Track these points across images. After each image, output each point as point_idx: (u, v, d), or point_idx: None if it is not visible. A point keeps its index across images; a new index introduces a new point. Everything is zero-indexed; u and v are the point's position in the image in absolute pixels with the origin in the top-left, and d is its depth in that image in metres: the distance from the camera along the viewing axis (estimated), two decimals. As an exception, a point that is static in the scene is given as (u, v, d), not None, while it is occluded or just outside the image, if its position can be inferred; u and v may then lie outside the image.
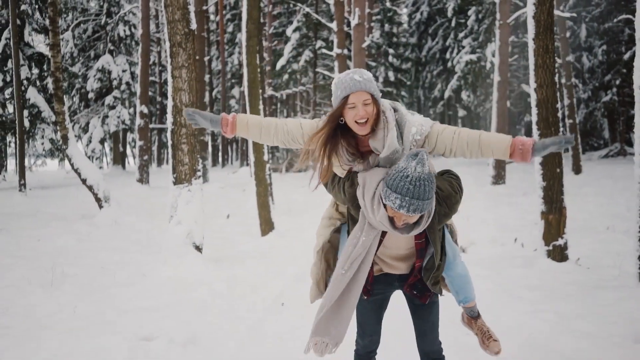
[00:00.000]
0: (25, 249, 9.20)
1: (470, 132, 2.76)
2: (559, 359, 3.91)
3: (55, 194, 20.90)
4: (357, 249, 2.77)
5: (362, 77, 2.69)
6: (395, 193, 2.55)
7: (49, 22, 12.82)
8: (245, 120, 2.94)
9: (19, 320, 5.40)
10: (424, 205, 2.56)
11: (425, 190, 2.55)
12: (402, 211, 2.55)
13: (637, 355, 3.89)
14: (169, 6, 7.11)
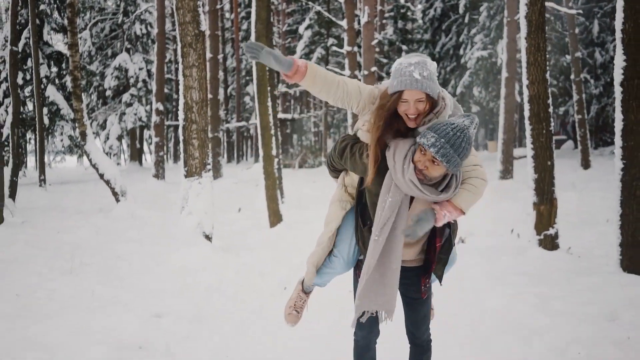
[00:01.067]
0: (47, 240, 9.69)
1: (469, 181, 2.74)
2: (531, 334, 4.27)
3: (74, 189, 21.47)
4: (386, 212, 2.74)
5: (421, 76, 2.61)
6: (434, 132, 2.55)
7: (67, 22, 13.30)
8: (315, 71, 2.83)
9: (42, 302, 5.84)
10: (454, 158, 2.55)
11: (462, 145, 2.55)
12: (432, 150, 2.52)
13: (606, 332, 4.23)
14: (180, 9, 7.53)
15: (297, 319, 3.26)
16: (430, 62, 2.73)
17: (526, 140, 7.37)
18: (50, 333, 4.52)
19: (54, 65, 27.04)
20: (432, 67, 2.68)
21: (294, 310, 3.26)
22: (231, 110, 43.03)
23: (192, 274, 6.45)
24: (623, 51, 5.73)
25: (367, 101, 2.83)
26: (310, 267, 3.18)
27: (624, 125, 5.79)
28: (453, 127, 2.54)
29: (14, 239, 9.74)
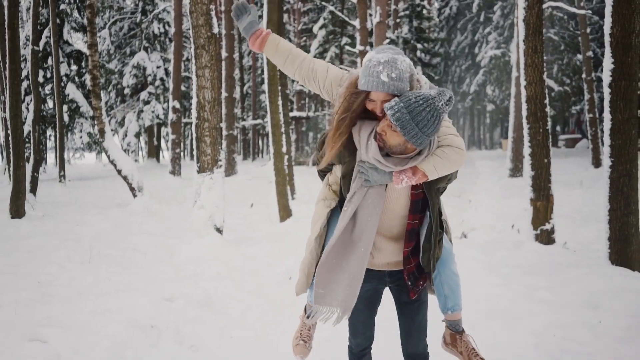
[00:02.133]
0: (66, 233, 10.13)
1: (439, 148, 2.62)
2: (514, 320, 4.59)
3: (93, 184, 22.02)
4: (356, 183, 2.68)
5: (389, 77, 2.51)
6: (398, 99, 2.48)
7: (87, 22, 13.75)
8: (277, 41, 2.83)
9: (62, 289, 6.24)
10: (410, 125, 2.44)
11: (422, 114, 2.44)
12: (389, 113, 2.44)
13: (583, 317, 4.53)
14: (194, 12, 7.92)
15: (306, 349, 3.02)
16: (402, 60, 2.60)
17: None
18: (69, 314, 4.92)
19: (74, 64, 27.62)
20: (402, 65, 2.57)
21: (301, 340, 3.03)
22: (247, 108, 43.49)
23: (202, 263, 6.84)
24: (611, 54, 6.01)
25: (333, 82, 2.79)
26: (300, 275, 3.02)
27: (612, 125, 6.07)
28: (417, 96, 2.45)
29: (35, 231, 10.21)
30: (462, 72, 50.79)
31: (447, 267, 2.86)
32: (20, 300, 5.73)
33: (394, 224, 2.76)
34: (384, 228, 2.76)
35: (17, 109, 11.64)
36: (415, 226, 2.76)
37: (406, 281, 2.82)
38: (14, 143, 11.67)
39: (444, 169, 2.57)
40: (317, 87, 2.86)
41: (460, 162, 2.61)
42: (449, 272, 2.88)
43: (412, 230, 2.76)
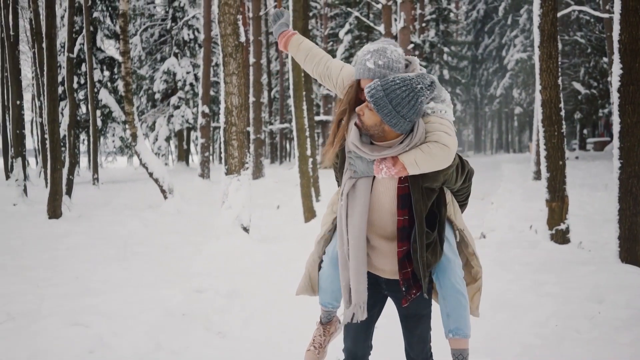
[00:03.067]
0: (101, 232, 10.65)
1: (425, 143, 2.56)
2: (520, 311, 4.87)
3: (125, 187, 22.66)
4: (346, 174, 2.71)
5: (375, 64, 2.56)
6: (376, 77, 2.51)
7: (120, 31, 14.31)
8: (300, 41, 2.98)
9: (98, 283, 6.68)
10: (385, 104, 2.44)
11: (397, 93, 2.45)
12: (365, 91, 2.48)
13: (584, 309, 4.79)
14: (222, 22, 8.34)
15: (315, 356, 2.95)
16: (392, 50, 2.62)
17: (539, 142, 7.91)
18: (107, 304, 5.34)
19: (106, 70, 28.42)
20: (392, 54, 2.60)
21: (312, 347, 2.98)
22: (275, 112, 44.04)
23: (229, 259, 7.24)
24: (620, 60, 6.24)
25: (345, 80, 2.83)
26: (303, 275, 3.04)
27: (620, 128, 6.30)
28: (395, 76, 2.46)
29: (72, 231, 10.74)
30: (490, 75, 50.74)
31: (447, 279, 2.73)
32: (61, 292, 6.19)
33: (386, 221, 2.69)
34: (377, 225, 2.71)
35: (55, 114, 12.22)
36: (405, 223, 2.65)
37: (401, 286, 2.71)
38: (52, 147, 12.24)
39: (426, 164, 2.50)
40: (332, 85, 2.90)
41: (444, 160, 2.52)
42: (449, 286, 2.72)
43: (403, 229, 2.66)
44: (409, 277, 2.70)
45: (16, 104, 17.93)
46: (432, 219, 2.69)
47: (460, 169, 2.73)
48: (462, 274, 2.76)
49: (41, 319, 5.03)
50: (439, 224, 2.70)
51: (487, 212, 12.03)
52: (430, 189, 2.64)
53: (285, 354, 4.36)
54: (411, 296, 2.71)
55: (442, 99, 2.69)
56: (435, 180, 2.62)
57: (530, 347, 4.08)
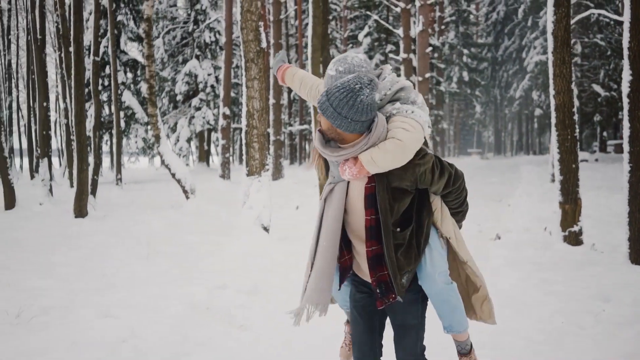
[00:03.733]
0: (126, 231, 10.99)
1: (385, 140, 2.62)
2: (526, 308, 5.09)
3: (147, 187, 23.09)
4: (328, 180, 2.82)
5: (336, 72, 2.74)
6: (328, 102, 2.52)
7: (144, 35, 14.67)
8: (294, 72, 3.22)
9: (125, 280, 6.99)
10: (326, 106, 2.50)
11: (334, 94, 2.51)
12: (327, 116, 2.51)
13: (589, 306, 4.99)
14: (244, 29, 8.63)
15: (347, 352, 3.17)
16: (352, 56, 2.79)
17: (552, 145, 8.08)
18: (135, 298, 5.66)
19: (130, 72, 28.95)
20: (352, 60, 2.76)
21: (344, 344, 3.23)
22: (294, 113, 44.38)
23: (250, 257, 7.52)
24: (630, 66, 6.43)
25: None
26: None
27: (630, 132, 6.48)
28: (347, 95, 2.49)
29: (97, 230, 11.10)
30: (510, 77, 50.61)
31: (428, 287, 2.78)
32: (90, 288, 6.52)
33: (360, 223, 2.74)
34: (355, 228, 2.77)
35: (82, 116, 12.61)
36: (372, 222, 2.68)
37: (374, 287, 2.70)
38: (79, 148, 12.63)
39: (382, 160, 2.55)
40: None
41: (400, 155, 2.55)
42: (431, 294, 2.79)
43: (371, 228, 2.69)
44: (386, 280, 2.69)
45: (43, 105, 18.41)
46: (406, 221, 2.71)
47: (439, 171, 2.71)
48: (444, 279, 2.76)
49: (74, 312, 5.35)
50: (415, 228, 2.71)
51: (504, 213, 12.19)
52: (400, 189, 2.67)
53: (303, 347, 4.61)
54: (388, 300, 2.69)
55: (412, 101, 2.78)
56: (402, 180, 2.64)
57: (534, 342, 4.30)
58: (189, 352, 4.28)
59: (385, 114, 2.72)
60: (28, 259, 8.35)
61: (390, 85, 2.77)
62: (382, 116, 2.63)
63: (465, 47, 41.24)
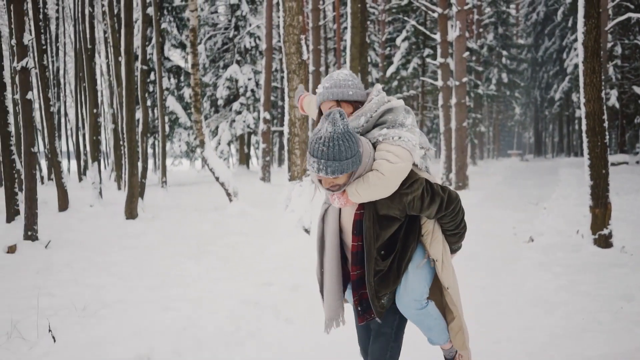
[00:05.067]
0: (175, 232, 11.62)
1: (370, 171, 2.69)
2: (552, 307, 5.44)
3: (190, 190, 23.85)
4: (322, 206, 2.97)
5: (323, 88, 2.85)
6: (312, 157, 2.58)
7: (189, 45, 15.33)
8: (309, 101, 3.39)
9: (178, 278, 7.53)
10: (342, 165, 2.55)
11: (340, 150, 2.52)
12: (321, 174, 2.57)
13: (609, 305, 5.32)
14: (286, 42, 9.14)
15: None
16: (338, 72, 2.89)
17: (583, 152, 8.37)
18: (191, 293, 6.22)
19: (173, 78, 29.87)
20: (338, 75, 2.87)
21: None
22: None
23: (292, 257, 8.02)
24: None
25: None
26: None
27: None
28: (323, 142, 2.55)
29: (148, 230, 11.76)
30: (550, 78, 50.14)
31: (401, 309, 2.89)
32: (146, 285, 7.09)
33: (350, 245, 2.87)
34: (348, 245, 2.91)
35: (132, 123, 13.32)
36: (359, 249, 2.79)
37: (356, 306, 2.86)
38: (129, 154, 13.34)
39: (365, 192, 2.64)
40: None
41: (382, 188, 2.63)
42: (407, 315, 2.91)
43: (357, 254, 2.80)
44: (367, 298, 2.85)
45: (93, 112, 19.30)
46: (391, 245, 2.80)
47: (429, 197, 2.73)
48: (416, 306, 2.87)
49: (135, 306, 5.92)
50: (399, 252, 2.80)
51: (539, 216, 12.42)
52: (388, 217, 2.74)
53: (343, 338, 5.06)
54: (370, 316, 2.87)
55: (400, 123, 2.81)
56: (390, 208, 2.72)
57: (557, 336, 4.66)
58: (241, 341, 4.78)
59: (372, 139, 2.78)
60: (88, 257, 9.00)
61: (376, 108, 2.80)
62: (366, 145, 2.69)
63: (504, 49, 41.10)
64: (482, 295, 6.14)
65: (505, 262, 7.78)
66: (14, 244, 9.53)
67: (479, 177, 24.82)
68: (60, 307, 6.00)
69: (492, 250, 8.78)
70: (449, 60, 19.96)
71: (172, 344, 4.55)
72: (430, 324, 2.96)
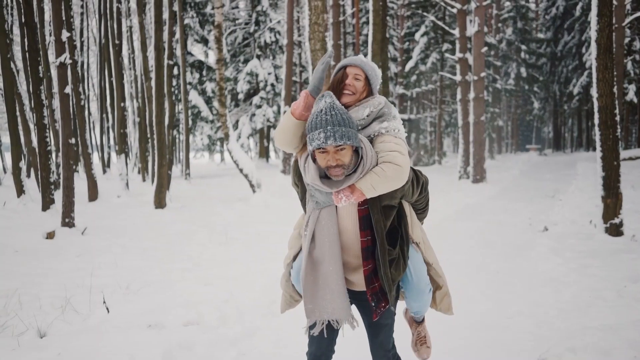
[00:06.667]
0: (202, 220, 12.15)
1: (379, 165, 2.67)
2: (562, 286, 5.87)
3: (212, 182, 24.42)
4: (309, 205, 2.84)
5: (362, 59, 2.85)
6: (316, 130, 2.56)
7: (215, 41, 15.84)
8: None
9: (209, 261, 8.03)
10: (349, 132, 2.56)
11: (344, 118, 2.56)
12: (330, 142, 2.52)
13: (615, 285, 5.73)
14: (312, 39, 9.60)
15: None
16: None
17: (596, 144, 8.74)
18: (227, 272, 6.74)
19: (195, 72, 30.43)
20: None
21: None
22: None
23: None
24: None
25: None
26: (283, 292, 3.24)
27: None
28: (325, 112, 2.58)
29: (177, 219, 12.30)
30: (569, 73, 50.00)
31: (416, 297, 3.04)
32: (181, 267, 7.61)
33: (352, 242, 2.84)
34: (345, 246, 2.84)
35: (161, 116, 13.86)
36: (369, 243, 2.80)
37: (370, 302, 2.86)
38: (158, 146, 13.89)
39: (382, 186, 2.64)
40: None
41: (398, 179, 2.65)
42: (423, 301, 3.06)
43: (367, 249, 2.81)
44: (377, 291, 2.84)
45: (120, 106, 19.91)
46: (394, 235, 2.84)
47: (416, 182, 2.88)
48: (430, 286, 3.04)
49: (175, 284, 6.43)
50: (400, 239, 2.85)
51: (554, 208, 12.77)
52: (389, 206, 2.81)
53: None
54: (380, 309, 2.86)
55: (393, 116, 2.85)
56: (393, 198, 2.78)
57: (563, 311, 5.09)
58: (275, 312, 5.27)
59: (373, 132, 2.80)
60: (123, 243, 9.54)
61: (378, 103, 2.84)
62: (366, 140, 2.72)
63: (523, 43, 41.15)
64: (497, 277, 6.57)
65: (520, 249, 8.19)
66: (53, 230, 10.07)
67: (497, 170, 25.12)
68: (105, 285, 6.51)
69: (508, 238, 9.18)
70: (468, 55, 20.26)
71: (217, 312, 5.06)
72: (428, 299, 3.11)
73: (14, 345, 4.59)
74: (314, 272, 2.79)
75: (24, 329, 4.94)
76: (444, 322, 4.40)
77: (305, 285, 2.81)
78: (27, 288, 6.40)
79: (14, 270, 7.54)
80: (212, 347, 4.40)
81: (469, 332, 4.71)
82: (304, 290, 2.82)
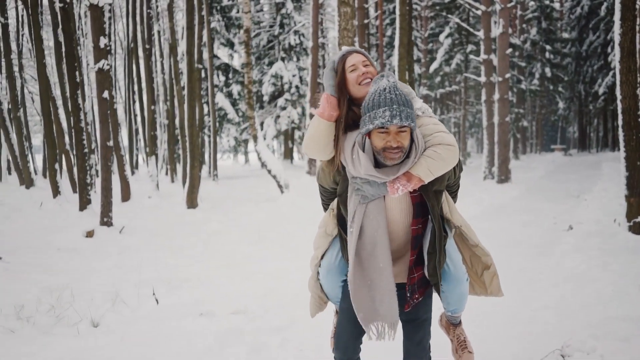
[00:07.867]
0: (233, 220, 12.53)
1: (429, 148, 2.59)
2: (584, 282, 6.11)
3: (239, 183, 24.87)
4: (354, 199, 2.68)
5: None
6: (380, 108, 2.46)
7: (243, 45, 16.27)
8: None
9: (242, 260, 8.40)
10: (413, 114, 2.48)
11: (407, 100, 2.49)
12: (396, 121, 2.43)
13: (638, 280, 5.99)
14: (341, 44, 9.92)
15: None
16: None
17: (620, 145, 8.95)
18: (265, 269, 7.10)
19: (222, 75, 30.95)
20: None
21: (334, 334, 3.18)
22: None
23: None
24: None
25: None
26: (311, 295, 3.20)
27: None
28: (389, 91, 2.50)
29: (209, 219, 12.69)
30: (594, 73, 49.67)
31: (453, 286, 2.89)
32: (217, 264, 7.99)
33: (399, 233, 2.75)
34: (391, 238, 2.73)
35: (193, 119, 14.30)
36: (419, 232, 2.73)
37: (406, 292, 2.79)
38: (191, 149, 14.34)
39: (439, 168, 2.57)
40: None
41: (453, 160, 2.59)
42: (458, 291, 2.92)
43: (417, 237, 2.74)
44: (415, 282, 2.80)
45: (150, 108, 20.43)
46: (442, 221, 2.78)
47: (458, 163, 2.78)
48: (467, 277, 2.93)
49: (216, 279, 6.81)
50: (443, 223, 2.80)
51: (579, 207, 12.93)
52: (439, 191, 2.73)
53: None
54: (414, 300, 2.81)
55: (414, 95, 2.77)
56: (443, 182, 2.71)
57: (586, 305, 5.36)
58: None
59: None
60: (160, 242, 9.96)
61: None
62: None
63: (547, 43, 41.01)
64: (522, 274, 6.82)
65: (545, 247, 8.43)
66: (92, 229, 10.53)
67: (522, 170, 25.19)
68: (148, 281, 6.89)
69: (533, 237, 9.41)
70: (492, 57, 20.42)
71: (261, 304, 5.44)
72: (466, 293, 3.00)
73: (74, 332, 4.99)
74: (363, 273, 2.66)
75: (77, 319, 5.33)
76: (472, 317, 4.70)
77: (354, 290, 2.67)
78: (76, 283, 6.82)
79: (60, 267, 8.00)
80: (259, 333, 4.77)
81: (496, 324, 4.99)
82: (353, 297, 2.68)
